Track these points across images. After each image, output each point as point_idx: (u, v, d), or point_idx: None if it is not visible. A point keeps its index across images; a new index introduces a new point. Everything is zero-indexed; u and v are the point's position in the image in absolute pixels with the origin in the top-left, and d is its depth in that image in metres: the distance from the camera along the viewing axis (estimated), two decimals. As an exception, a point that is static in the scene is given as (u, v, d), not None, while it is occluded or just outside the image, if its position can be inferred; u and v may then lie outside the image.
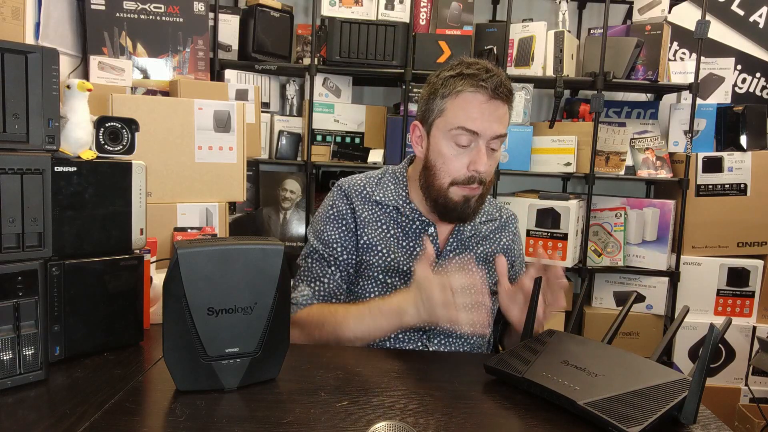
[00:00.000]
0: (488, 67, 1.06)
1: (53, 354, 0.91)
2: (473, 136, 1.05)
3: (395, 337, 1.12)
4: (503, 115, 1.07)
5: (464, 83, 1.05)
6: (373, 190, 1.18)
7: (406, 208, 1.15)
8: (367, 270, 1.14)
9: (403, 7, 2.27)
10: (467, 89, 1.04)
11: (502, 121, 1.06)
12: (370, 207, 1.17)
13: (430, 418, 0.77)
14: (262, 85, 2.37)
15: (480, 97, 1.04)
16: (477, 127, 1.04)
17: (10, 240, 0.82)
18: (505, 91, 1.05)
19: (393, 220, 1.16)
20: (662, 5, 2.29)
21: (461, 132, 1.05)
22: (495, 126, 1.05)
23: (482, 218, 1.23)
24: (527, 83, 2.31)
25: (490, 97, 1.04)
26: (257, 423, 0.74)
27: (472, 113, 1.04)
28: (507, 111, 1.08)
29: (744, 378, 2.32)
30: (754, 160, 2.30)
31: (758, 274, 2.32)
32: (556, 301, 1.03)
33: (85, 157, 0.96)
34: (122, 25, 2.05)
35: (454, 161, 1.07)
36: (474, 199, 1.10)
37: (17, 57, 0.82)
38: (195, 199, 1.57)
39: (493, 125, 1.05)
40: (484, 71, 1.05)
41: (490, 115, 1.04)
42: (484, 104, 1.04)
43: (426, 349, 1.13)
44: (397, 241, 1.14)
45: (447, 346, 1.14)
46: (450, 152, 1.08)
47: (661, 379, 0.79)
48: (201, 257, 0.79)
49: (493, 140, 1.07)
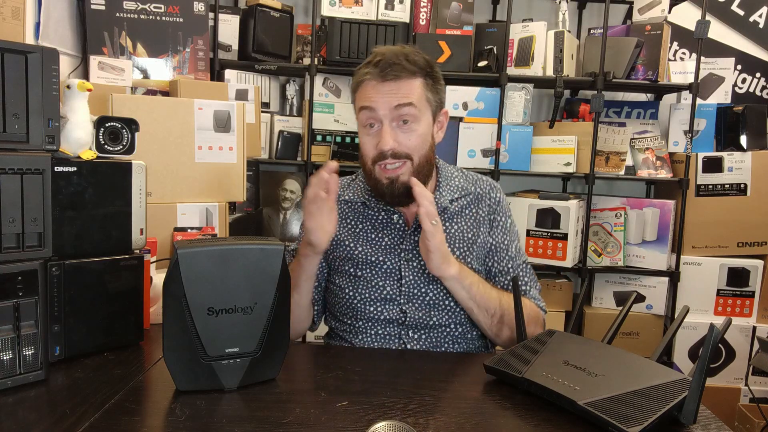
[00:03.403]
0: (382, 52, 1.10)
1: (53, 354, 0.91)
2: (373, 113, 1.09)
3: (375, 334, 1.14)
4: (401, 87, 1.09)
5: (360, 73, 1.12)
6: (344, 191, 1.24)
7: (371, 201, 1.19)
8: (339, 264, 1.19)
9: (403, 7, 2.27)
10: (363, 78, 1.11)
11: (400, 92, 1.08)
12: (339, 207, 1.21)
13: (430, 418, 0.77)
14: (262, 85, 2.37)
15: (372, 82, 1.09)
16: (371, 102, 1.09)
17: (10, 240, 0.82)
18: (396, 69, 1.08)
19: (361, 215, 1.20)
20: (662, 5, 2.29)
21: (362, 112, 1.11)
22: (390, 98, 1.08)
23: (454, 194, 1.20)
24: (527, 83, 2.30)
25: (382, 79, 1.08)
26: (257, 423, 0.74)
27: (368, 93, 1.10)
28: (408, 83, 1.09)
29: (744, 378, 2.32)
30: (754, 160, 2.30)
31: (758, 274, 2.32)
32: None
33: (85, 157, 0.96)
34: (122, 25, 2.05)
35: (366, 144, 1.13)
36: (402, 177, 1.10)
37: (17, 57, 0.82)
38: (195, 199, 1.57)
39: (388, 98, 1.08)
40: (377, 57, 1.10)
41: (385, 93, 1.08)
42: (378, 85, 1.09)
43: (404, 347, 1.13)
44: (366, 234, 1.18)
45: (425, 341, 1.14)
46: (363, 137, 1.14)
47: (661, 379, 0.79)
48: (201, 257, 0.79)
49: (397, 112, 1.08)
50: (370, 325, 1.15)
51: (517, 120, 2.32)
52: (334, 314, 1.22)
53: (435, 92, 1.14)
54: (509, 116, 2.32)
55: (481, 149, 2.32)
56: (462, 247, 1.17)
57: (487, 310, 1.11)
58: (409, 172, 1.10)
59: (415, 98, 1.09)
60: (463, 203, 1.21)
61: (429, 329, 1.14)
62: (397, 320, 1.13)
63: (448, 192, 1.20)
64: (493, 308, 1.11)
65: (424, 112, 1.11)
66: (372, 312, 1.14)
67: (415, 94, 1.09)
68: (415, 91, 1.10)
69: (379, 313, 1.14)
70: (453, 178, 1.23)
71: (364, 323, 1.15)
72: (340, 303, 1.18)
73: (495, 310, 1.11)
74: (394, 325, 1.14)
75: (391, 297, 1.13)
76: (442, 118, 1.19)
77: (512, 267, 1.20)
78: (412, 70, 1.09)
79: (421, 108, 1.10)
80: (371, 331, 1.15)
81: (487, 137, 2.31)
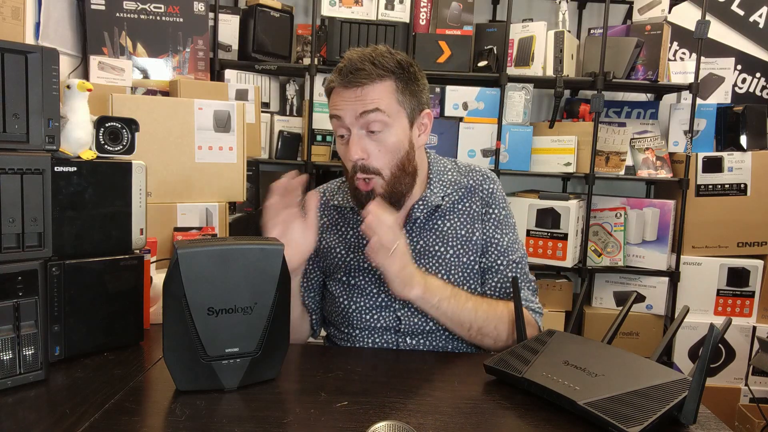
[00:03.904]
0: (349, 57, 1.05)
1: (53, 354, 0.91)
2: (340, 122, 1.06)
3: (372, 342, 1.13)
4: (366, 93, 1.03)
5: (328, 80, 1.09)
6: (333, 196, 1.20)
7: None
8: (332, 272, 1.16)
9: (403, 7, 2.27)
10: (330, 85, 1.07)
11: (366, 99, 1.02)
12: (328, 213, 1.19)
13: (430, 418, 0.77)
14: (262, 85, 2.37)
15: (338, 89, 1.05)
16: (338, 111, 1.05)
17: (10, 240, 0.82)
18: (360, 75, 1.02)
19: (351, 221, 1.17)
20: (662, 5, 2.29)
21: (332, 121, 1.08)
22: (355, 106, 1.03)
23: (446, 190, 1.15)
24: (527, 83, 2.31)
25: (346, 85, 1.04)
26: (257, 423, 0.74)
27: (335, 101, 1.06)
28: (374, 89, 1.03)
29: (744, 378, 2.32)
30: (754, 160, 2.30)
31: (758, 274, 2.32)
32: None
33: (85, 157, 0.96)
34: (122, 25, 2.05)
35: (341, 153, 1.09)
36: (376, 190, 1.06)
37: (17, 57, 0.82)
38: (195, 199, 1.57)
39: (353, 105, 1.03)
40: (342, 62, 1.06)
41: (350, 100, 1.04)
42: (344, 92, 1.04)
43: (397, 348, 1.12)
44: (357, 240, 1.14)
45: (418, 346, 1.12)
46: (338, 146, 1.10)
47: (661, 379, 0.79)
48: (201, 257, 0.79)
49: (363, 120, 1.03)
50: (367, 334, 1.13)
51: (517, 120, 2.32)
52: (331, 321, 1.20)
53: (410, 94, 1.06)
54: (509, 116, 2.32)
55: (481, 149, 2.32)
56: (456, 245, 1.12)
57: (461, 325, 1.06)
58: (381, 187, 1.05)
59: (384, 104, 1.02)
60: (455, 198, 1.15)
61: (426, 335, 1.11)
62: (393, 328, 1.11)
63: (440, 188, 1.14)
64: (468, 322, 1.06)
65: (396, 117, 1.04)
66: (368, 320, 1.12)
67: (384, 99, 1.03)
68: (384, 97, 1.03)
69: (375, 321, 1.11)
70: (446, 172, 1.17)
71: (360, 332, 1.13)
72: (335, 312, 1.16)
73: (470, 324, 1.06)
74: (390, 332, 1.12)
75: (386, 304, 1.11)
76: (425, 121, 1.11)
77: (503, 264, 1.13)
78: (379, 73, 1.02)
79: (391, 113, 1.03)
80: (368, 340, 1.13)
81: (487, 137, 2.31)
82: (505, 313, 1.08)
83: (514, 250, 1.15)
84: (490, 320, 1.06)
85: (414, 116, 1.08)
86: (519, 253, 1.15)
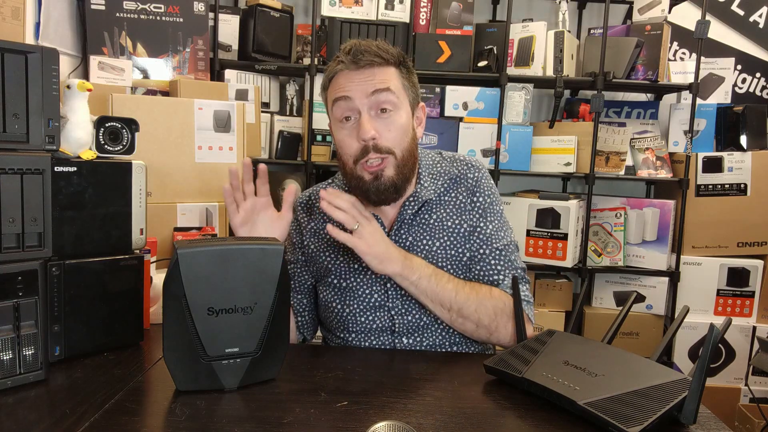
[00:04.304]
0: (352, 42, 1.06)
1: (53, 354, 0.91)
2: (348, 102, 1.03)
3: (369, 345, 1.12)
4: (376, 74, 1.03)
5: (330, 69, 1.07)
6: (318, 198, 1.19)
7: None
8: (323, 276, 1.16)
9: (403, 7, 2.27)
10: (335, 70, 1.06)
11: (376, 79, 1.03)
12: (316, 216, 1.18)
13: (430, 418, 0.77)
14: (262, 85, 2.37)
15: (345, 71, 1.04)
16: (346, 92, 1.03)
17: (10, 240, 0.82)
18: (369, 57, 1.03)
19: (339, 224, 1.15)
20: (662, 5, 2.29)
21: (337, 104, 1.05)
22: (365, 86, 1.02)
23: (437, 182, 1.14)
24: (527, 83, 2.30)
25: (356, 67, 1.03)
26: (257, 423, 0.74)
27: (341, 83, 1.05)
28: (384, 71, 1.04)
29: (744, 378, 2.32)
30: (754, 160, 2.30)
31: (758, 274, 2.32)
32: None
33: (85, 157, 0.96)
34: (122, 25, 2.05)
35: (347, 139, 1.06)
36: (386, 172, 1.05)
37: (17, 57, 0.82)
38: (195, 199, 1.57)
39: (363, 85, 1.03)
40: (347, 47, 1.05)
41: (360, 80, 1.03)
42: (352, 73, 1.04)
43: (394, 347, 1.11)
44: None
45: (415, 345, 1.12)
46: (341, 134, 1.07)
47: (661, 379, 0.79)
48: (201, 257, 0.79)
49: (375, 99, 1.03)
50: (363, 338, 1.12)
51: (517, 120, 2.32)
52: (326, 327, 1.20)
53: (411, 84, 1.09)
54: (509, 116, 2.32)
55: (481, 149, 2.32)
56: (442, 237, 1.10)
57: (441, 304, 1.05)
58: (394, 167, 1.05)
59: (393, 86, 1.04)
60: (441, 190, 1.14)
61: (421, 331, 1.10)
62: (389, 328, 1.11)
63: (431, 182, 1.14)
64: (448, 302, 1.04)
65: (402, 101, 1.06)
66: (363, 323, 1.11)
67: (393, 81, 1.05)
68: (392, 79, 1.05)
69: (371, 322, 1.11)
70: (434, 165, 1.17)
71: (356, 335, 1.12)
72: (330, 317, 1.15)
73: (450, 304, 1.05)
74: (386, 334, 1.11)
75: (380, 303, 1.10)
76: (420, 114, 1.14)
77: (486, 252, 1.11)
78: (386, 57, 1.04)
79: (399, 96, 1.05)
80: (364, 343, 1.12)
81: (487, 137, 2.31)
82: (487, 298, 1.06)
83: (498, 238, 1.13)
84: (470, 302, 1.05)
85: (414, 106, 1.11)
86: (504, 241, 1.13)
